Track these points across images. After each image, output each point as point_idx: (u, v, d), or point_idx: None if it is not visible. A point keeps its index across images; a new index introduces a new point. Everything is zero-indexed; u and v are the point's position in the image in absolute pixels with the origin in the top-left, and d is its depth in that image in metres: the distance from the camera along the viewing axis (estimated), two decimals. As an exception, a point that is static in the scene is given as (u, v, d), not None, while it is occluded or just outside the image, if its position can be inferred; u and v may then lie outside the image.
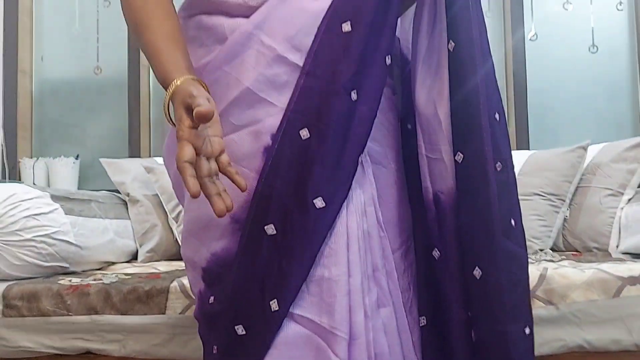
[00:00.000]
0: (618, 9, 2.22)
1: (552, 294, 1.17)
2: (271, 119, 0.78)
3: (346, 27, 0.77)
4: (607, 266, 1.24)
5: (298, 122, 0.77)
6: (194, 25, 0.86)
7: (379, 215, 0.82)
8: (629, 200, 1.71)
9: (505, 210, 0.81)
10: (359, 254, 0.76)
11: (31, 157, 2.31)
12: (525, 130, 2.15)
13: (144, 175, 1.94)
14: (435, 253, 0.83)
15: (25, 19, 2.35)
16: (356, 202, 0.78)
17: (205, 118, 0.64)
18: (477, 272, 0.79)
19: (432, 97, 0.83)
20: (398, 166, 0.88)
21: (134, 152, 2.27)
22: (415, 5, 0.89)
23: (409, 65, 0.90)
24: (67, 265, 1.49)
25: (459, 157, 0.79)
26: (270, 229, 0.75)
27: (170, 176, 0.94)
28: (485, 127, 0.79)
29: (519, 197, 1.74)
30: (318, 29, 0.78)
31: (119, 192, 1.96)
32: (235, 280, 0.77)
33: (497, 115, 0.84)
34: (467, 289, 0.80)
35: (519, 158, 1.91)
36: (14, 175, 2.24)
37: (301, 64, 0.78)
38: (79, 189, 2.29)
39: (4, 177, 2.22)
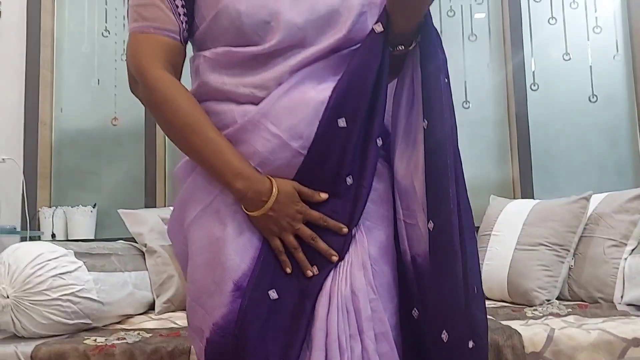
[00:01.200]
0: (615, 60, 2.31)
1: (560, 356, 1.22)
2: None
3: (342, 122, 0.85)
4: (612, 325, 1.29)
5: None
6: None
7: (371, 278, 0.87)
8: (632, 250, 1.76)
9: (470, 278, 0.86)
10: (336, 315, 0.82)
11: (50, 206, 2.38)
12: (529, 178, 2.22)
13: (161, 225, 2.00)
14: (415, 312, 0.88)
15: (45, 72, 2.46)
16: (343, 267, 0.85)
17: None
18: (444, 336, 0.83)
19: (410, 170, 0.90)
20: (391, 228, 0.93)
21: (150, 201, 2.34)
22: (396, 81, 0.97)
23: (389, 137, 0.97)
24: (90, 321, 1.55)
25: (430, 225, 0.85)
26: (273, 294, 0.83)
27: (174, 247, 0.99)
28: (452, 199, 0.86)
29: (526, 247, 1.82)
30: (319, 122, 0.86)
31: (136, 241, 2.02)
32: (238, 346, 0.81)
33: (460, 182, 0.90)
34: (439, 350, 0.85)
35: (523, 207, 1.97)
36: (34, 225, 2.31)
37: (303, 152, 0.86)
38: (96, 236, 2.37)
39: (24, 227, 2.29)
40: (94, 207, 2.36)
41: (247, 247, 0.85)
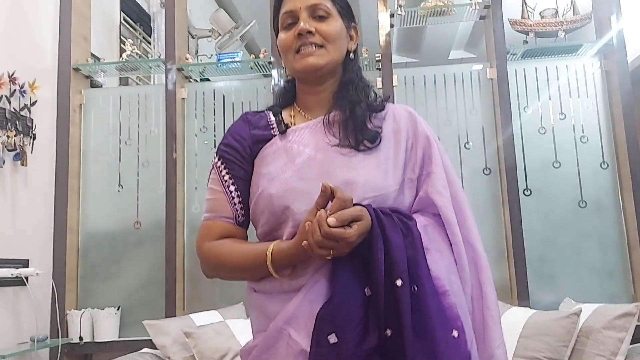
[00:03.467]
0: (602, 167, 2.48)
1: None
2: None
3: (332, 339, 0.90)
4: None
5: None
6: (254, 299, 1.08)
7: None
8: (620, 366, 1.91)
9: None
10: None
11: (77, 308, 2.55)
12: (525, 282, 2.36)
13: (182, 338, 2.16)
14: None
15: (73, 180, 2.65)
16: None
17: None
18: None
19: None
20: None
21: (170, 305, 2.49)
22: None
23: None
24: None
25: None
26: None
27: None
28: None
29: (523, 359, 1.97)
30: (311, 342, 0.92)
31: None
32: None
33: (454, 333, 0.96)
34: None
35: (519, 318, 2.12)
36: (64, 329, 2.47)
37: None
38: (120, 335, 2.52)
39: (54, 332, 2.45)
40: (118, 309, 2.52)
41: None
